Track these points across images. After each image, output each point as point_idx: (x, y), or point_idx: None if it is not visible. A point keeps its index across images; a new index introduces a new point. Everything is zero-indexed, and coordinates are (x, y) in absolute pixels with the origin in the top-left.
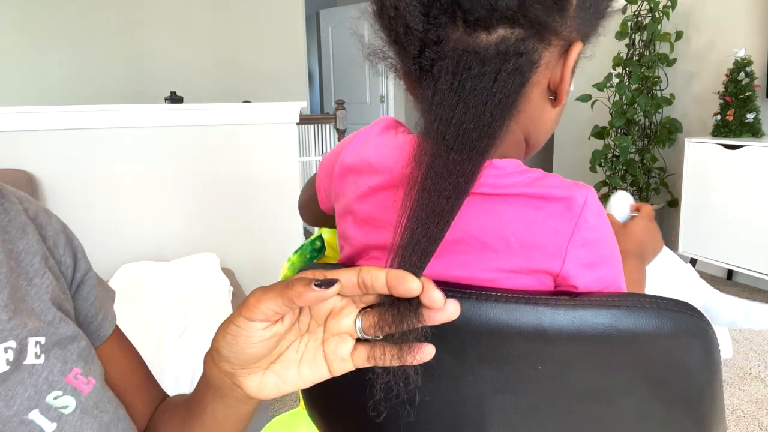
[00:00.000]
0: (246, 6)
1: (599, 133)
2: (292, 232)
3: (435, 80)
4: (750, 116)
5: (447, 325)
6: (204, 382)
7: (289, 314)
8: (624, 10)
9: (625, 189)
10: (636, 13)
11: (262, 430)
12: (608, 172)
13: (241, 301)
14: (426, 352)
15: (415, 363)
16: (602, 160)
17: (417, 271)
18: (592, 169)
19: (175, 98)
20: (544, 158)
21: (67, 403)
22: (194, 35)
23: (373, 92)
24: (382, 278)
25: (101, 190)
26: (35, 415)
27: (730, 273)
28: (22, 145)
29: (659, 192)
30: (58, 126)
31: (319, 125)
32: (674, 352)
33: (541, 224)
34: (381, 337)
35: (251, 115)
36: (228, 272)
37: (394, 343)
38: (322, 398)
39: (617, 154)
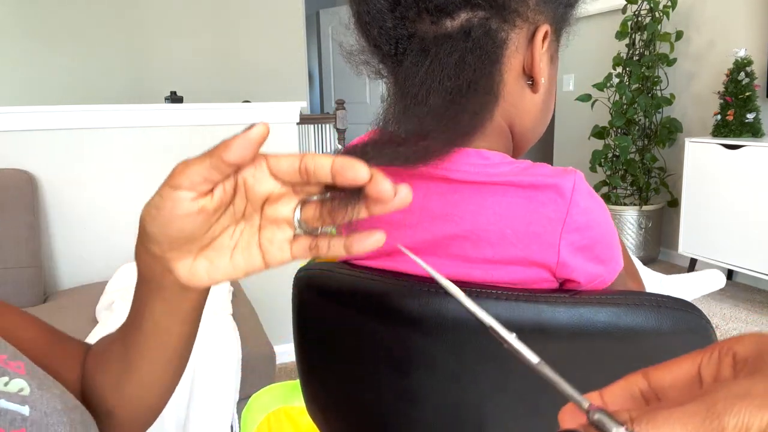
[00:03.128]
0: (246, 6)
1: (599, 133)
2: None
3: (407, 67)
4: (750, 116)
5: (446, 323)
6: (139, 284)
7: (219, 189)
8: (624, 10)
9: (625, 189)
10: (636, 13)
11: (250, 399)
12: (608, 172)
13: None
14: (375, 239)
15: (363, 252)
16: (602, 160)
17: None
18: (592, 169)
19: (175, 98)
20: (544, 158)
21: (20, 385)
22: (194, 35)
23: (373, 92)
24: (327, 166)
25: (101, 190)
26: (4, 404)
27: (730, 273)
28: (22, 145)
29: (659, 192)
30: (58, 126)
31: (319, 125)
32: (674, 350)
33: (534, 213)
34: (320, 230)
35: (251, 115)
36: None
37: (339, 235)
38: (322, 397)
39: (617, 154)
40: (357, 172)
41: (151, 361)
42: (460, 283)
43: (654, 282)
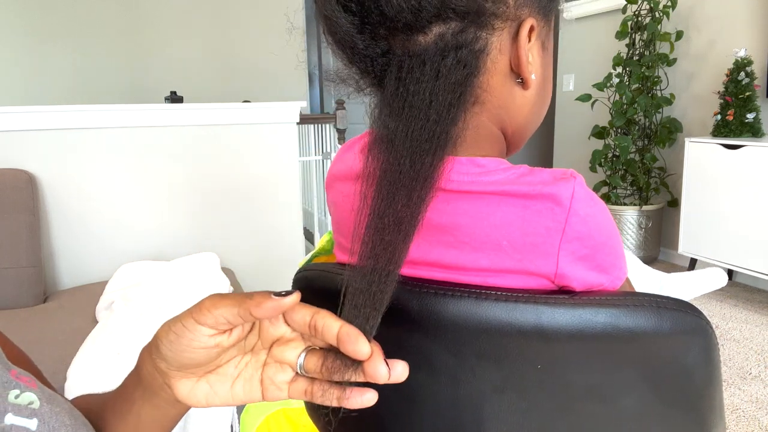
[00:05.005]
0: (246, 6)
1: (599, 132)
2: (292, 232)
3: (384, 89)
4: (750, 116)
5: (446, 324)
6: (134, 380)
7: (238, 328)
8: (624, 10)
9: (625, 189)
10: (636, 13)
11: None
12: (608, 172)
13: None
14: (366, 399)
15: (355, 407)
16: (602, 160)
17: (372, 317)
18: (592, 169)
19: (175, 98)
20: (544, 158)
21: (30, 399)
22: (194, 35)
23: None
24: (334, 330)
25: (101, 190)
26: (12, 419)
27: (730, 273)
28: (22, 145)
29: (659, 192)
30: (58, 126)
31: (319, 125)
32: (673, 351)
33: (531, 224)
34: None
35: (251, 115)
36: (228, 272)
37: (334, 386)
38: None
39: (617, 154)
40: (358, 347)
41: None
42: (463, 286)
43: (655, 281)
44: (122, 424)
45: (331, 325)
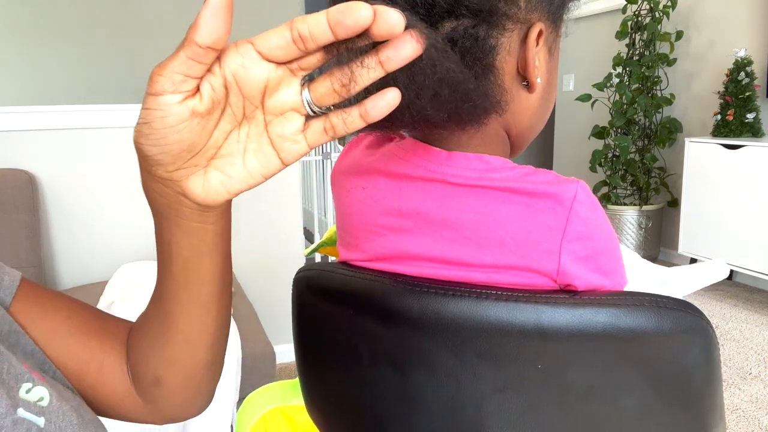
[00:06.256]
0: (246, 6)
1: (599, 132)
2: (292, 232)
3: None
4: (750, 116)
5: (446, 324)
6: (158, 226)
7: (206, 87)
8: (624, 10)
9: (625, 189)
10: (636, 13)
11: (244, 400)
12: (608, 172)
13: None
14: (390, 98)
15: (381, 114)
16: (602, 160)
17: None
18: (592, 169)
19: None
20: (544, 158)
21: (41, 394)
22: None
23: None
24: (323, 22)
25: (101, 190)
26: (22, 413)
27: (731, 273)
28: (22, 145)
29: (659, 192)
30: (58, 126)
31: None
32: (674, 351)
33: (533, 221)
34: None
35: None
36: None
37: (353, 105)
38: (321, 397)
39: (617, 153)
40: (358, 12)
41: (187, 311)
42: (463, 285)
43: (656, 276)
44: (172, 281)
45: (318, 20)
